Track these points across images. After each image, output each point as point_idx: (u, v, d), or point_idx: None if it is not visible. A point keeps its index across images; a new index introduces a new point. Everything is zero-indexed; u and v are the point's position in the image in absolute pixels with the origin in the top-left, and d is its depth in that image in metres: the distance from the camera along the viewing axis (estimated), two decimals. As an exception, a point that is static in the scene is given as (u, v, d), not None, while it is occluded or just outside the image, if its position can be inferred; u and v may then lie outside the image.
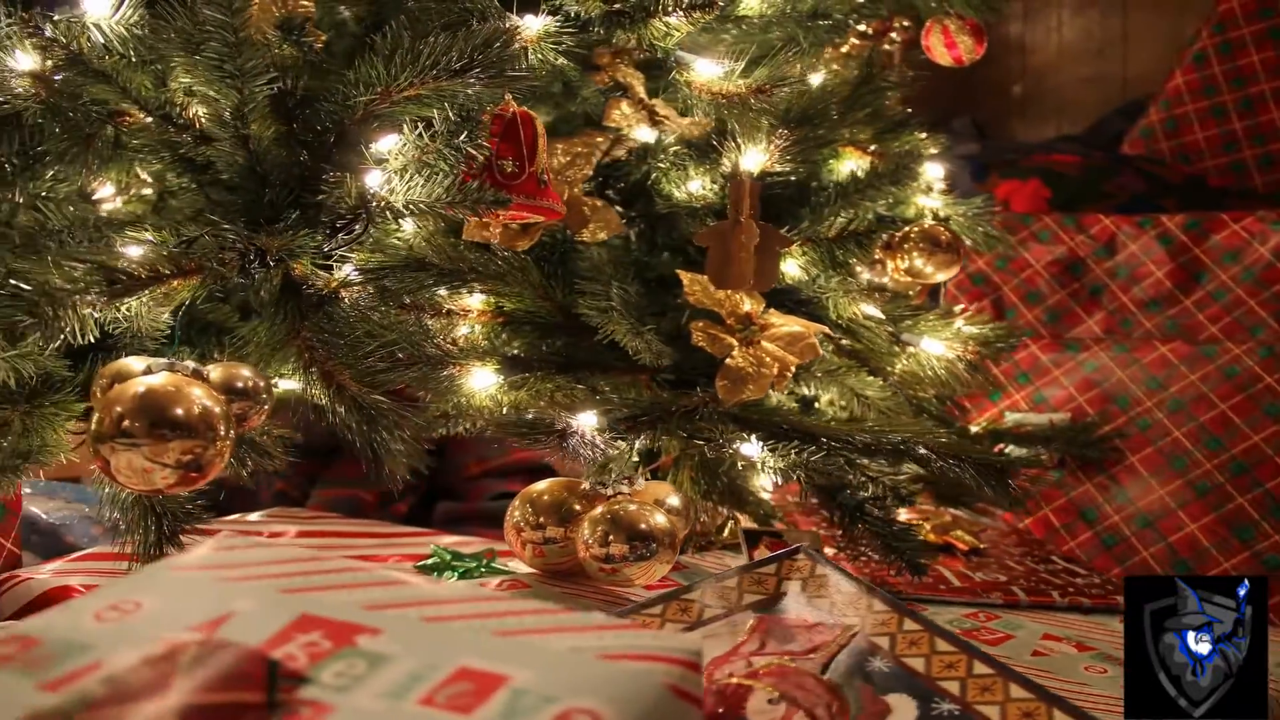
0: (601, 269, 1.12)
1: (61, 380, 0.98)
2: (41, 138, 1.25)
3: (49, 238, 1.06)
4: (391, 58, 0.98)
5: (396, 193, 0.96)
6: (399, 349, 1.02)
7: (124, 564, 1.12)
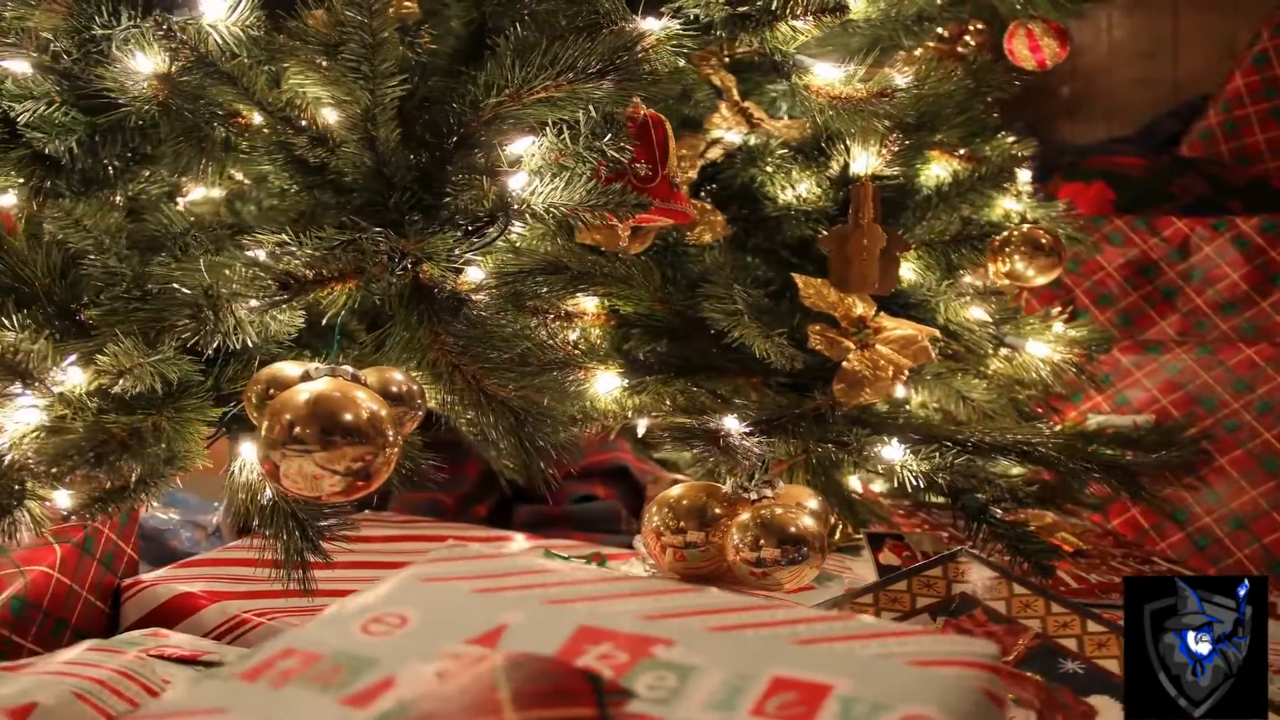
0: (720, 271, 1.12)
1: (194, 385, 0.97)
2: (143, 140, 1.24)
3: (173, 240, 1.05)
4: (526, 59, 0.98)
5: (537, 195, 0.96)
6: (531, 353, 1.02)
7: (242, 569, 1.12)
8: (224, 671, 0.51)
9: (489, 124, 1.03)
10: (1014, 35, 1.33)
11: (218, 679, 0.50)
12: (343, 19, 0.96)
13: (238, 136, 1.15)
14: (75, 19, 1.09)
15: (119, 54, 1.09)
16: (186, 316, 0.85)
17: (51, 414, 0.87)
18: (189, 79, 1.03)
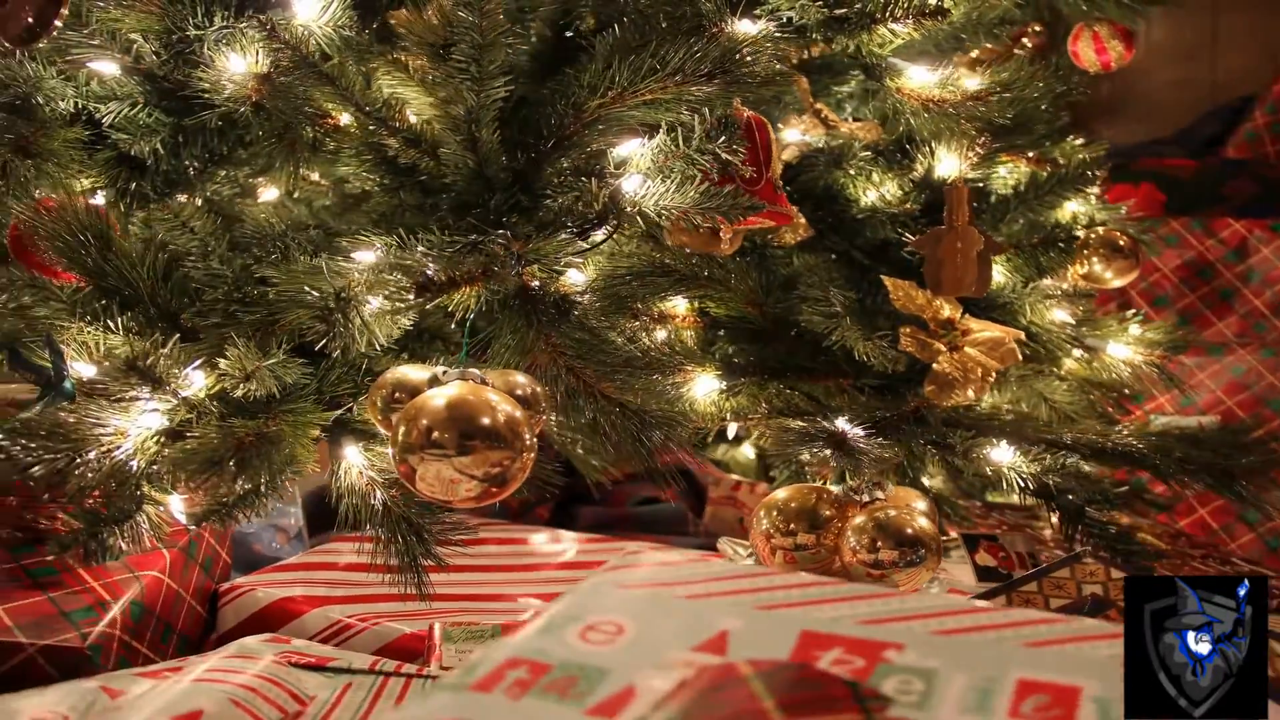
0: (812, 274, 1.12)
1: (301, 389, 0.96)
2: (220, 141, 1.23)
3: (271, 242, 1.04)
4: (629, 61, 0.97)
5: (650, 197, 0.96)
6: (633, 355, 1.02)
7: (335, 573, 1.11)
8: (452, 683, 0.50)
9: (590, 125, 1.03)
10: (1079, 37, 1.34)
11: (448, 691, 0.50)
12: (453, 19, 0.96)
13: (326, 137, 1.15)
14: (168, 20, 1.09)
15: (212, 55, 1.08)
16: (316, 319, 0.84)
17: (174, 418, 0.87)
18: (289, 79, 1.03)
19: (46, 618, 0.85)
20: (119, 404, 0.85)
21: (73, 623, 0.85)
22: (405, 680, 0.82)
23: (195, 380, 0.87)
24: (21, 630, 0.83)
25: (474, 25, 0.95)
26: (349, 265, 0.87)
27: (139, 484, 0.86)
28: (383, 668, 0.83)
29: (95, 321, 0.95)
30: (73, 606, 0.87)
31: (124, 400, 0.85)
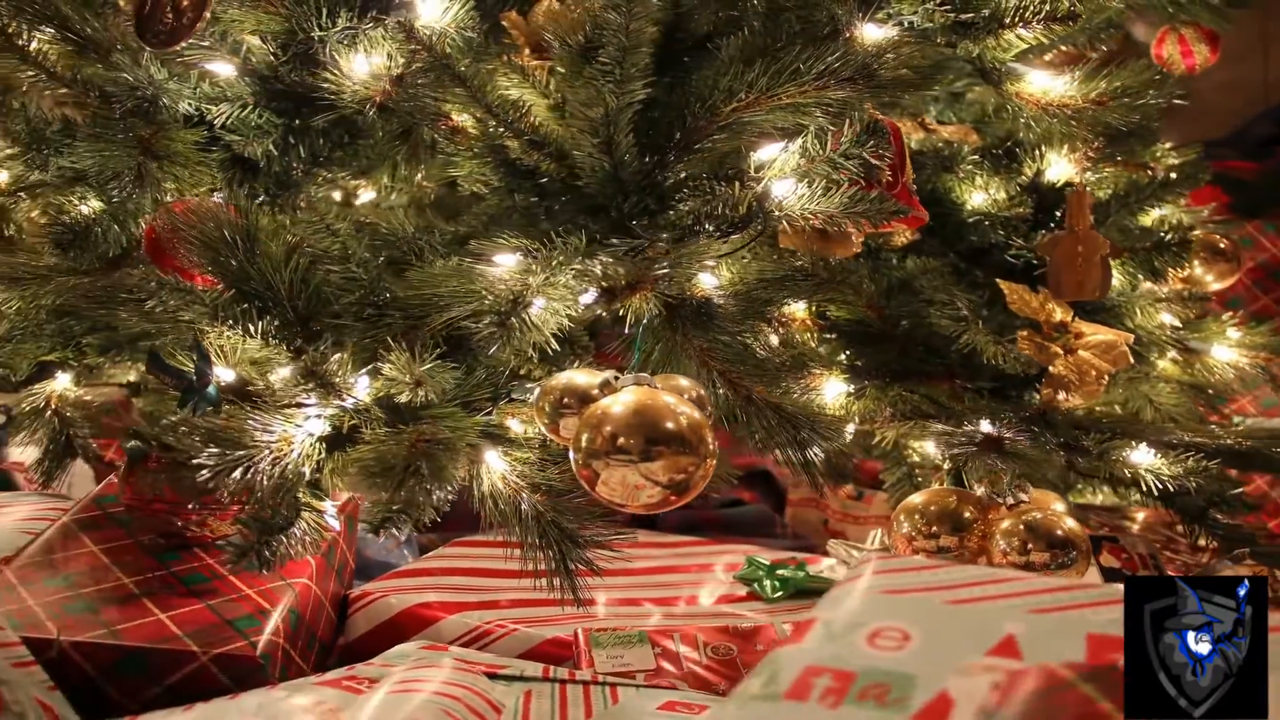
0: (928, 277, 1.13)
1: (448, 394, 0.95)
2: (325, 142, 1.22)
3: (406, 245, 1.03)
4: (777, 65, 0.97)
5: (796, 201, 0.96)
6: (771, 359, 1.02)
7: (460, 578, 1.11)
8: (761, 693, 0.50)
9: (724, 128, 1.03)
10: (1164, 40, 1.35)
11: (761, 700, 0.50)
12: (600, 21, 0.96)
13: (443, 139, 1.14)
14: (291, 20, 1.07)
15: (336, 55, 1.07)
16: (493, 324, 0.84)
17: (337, 424, 0.86)
18: (424, 81, 1.02)
19: (211, 626, 0.84)
20: (284, 410, 0.85)
21: (239, 631, 0.84)
22: (583, 687, 0.81)
23: (360, 386, 0.86)
24: (191, 638, 0.82)
25: (621, 27, 0.95)
26: (524, 269, 0.87)
27: (299, 490, 0.85)
28: (557, 675, 0.83)
29: (236, 326, 0.94)
30: (235, 614, 0.86)
31: (291, 406, 0.84)
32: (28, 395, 1.26)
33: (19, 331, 1.20)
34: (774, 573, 1.15)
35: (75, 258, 1.08)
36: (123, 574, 0.90)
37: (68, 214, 1.07)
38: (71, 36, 1.11)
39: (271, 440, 0.82)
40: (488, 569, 1.11)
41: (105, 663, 0.80)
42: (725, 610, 1.10)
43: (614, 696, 0.79)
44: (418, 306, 0.98)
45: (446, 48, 1.01)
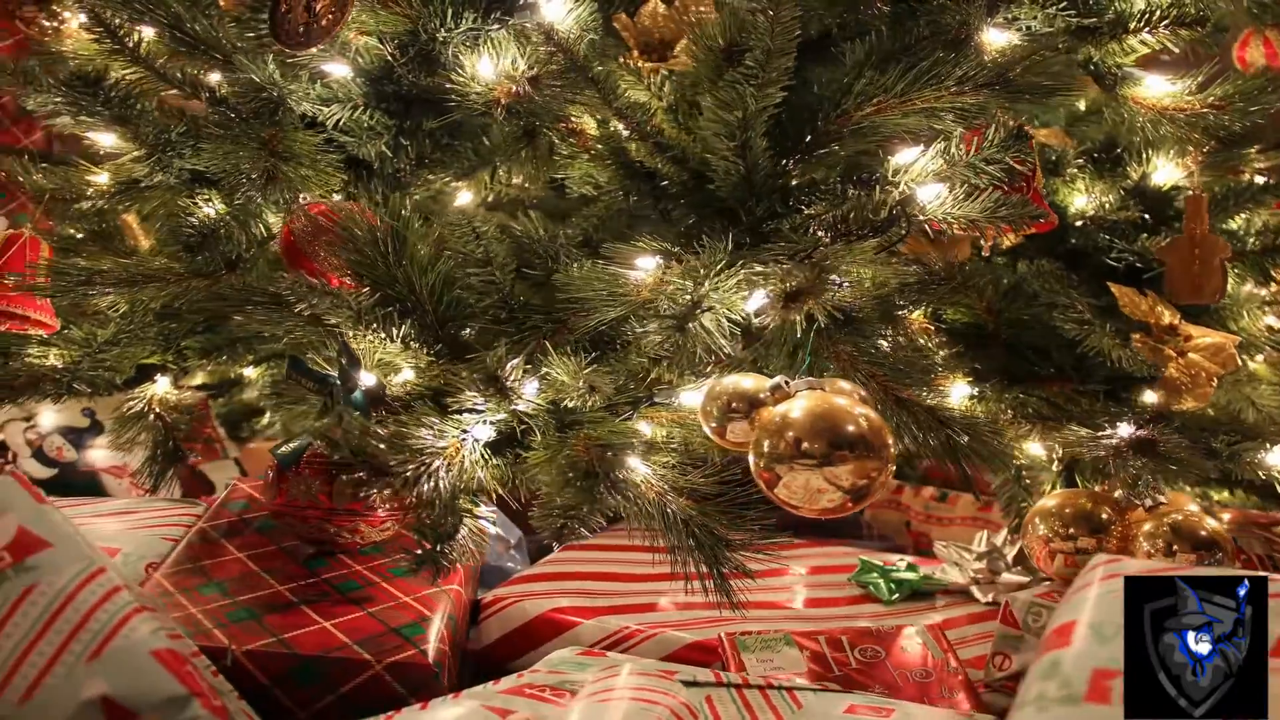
0: (1045, 279, 1.13)
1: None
2: (431, 144, 1.21)
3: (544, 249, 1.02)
4: (919, 68, 0.97)
5: (939, 205, 0.96)
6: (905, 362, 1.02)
7: (584, 582, 1.10)
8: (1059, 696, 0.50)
9: (855, 132, 1.03)
10: (1247, 43, 1.36)
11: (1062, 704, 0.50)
12: (747, 24, 0.96)
13: (562, 141, 1.14)
14: (415, 22, 1.07)
15: (461, 57, 1.07)
16: (669, 329, 0.83)
17: (502, 429, 0.85)
18: (558, 82, 1.02)
19: (378, 634, 0.83)
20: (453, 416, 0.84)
21: (406, 638, 0.83)
22: (760, 691, 0.81)
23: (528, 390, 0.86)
24: (362, 647, 0.81)
25: (767, 30, 0.95)
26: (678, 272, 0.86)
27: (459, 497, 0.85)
28: (730, 679, 0.83)
29: (380, 329, 0.94)
30: (399, 622, 0.85)
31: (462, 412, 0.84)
32: (127, 399, 1.25)
33: (124, 335, 1.18)
34: (888, 574, 1.16)
35: (194, 260, 1.07)
36: (275, 581, 0.89)
37: (194, 216, 1.05)
38: (182, 36, 1.10)
39: (444, 446, 0.81)
40: (614, 573, 1.11)
41: (278, 672, 0.79)
42: (848, 612, 1.10)
43: (794, 700, 0.79)
44: (560, 310, 0.98)
45: (581, 50, 1.01)
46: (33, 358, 1.20)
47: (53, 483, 1.35)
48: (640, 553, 1.19)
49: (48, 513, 0.69)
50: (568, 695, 0.77)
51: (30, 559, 0.65)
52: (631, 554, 1.18)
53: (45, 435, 1.39)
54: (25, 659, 0.61)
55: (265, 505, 0.93)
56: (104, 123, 1.02)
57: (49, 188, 1.21)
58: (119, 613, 0.63)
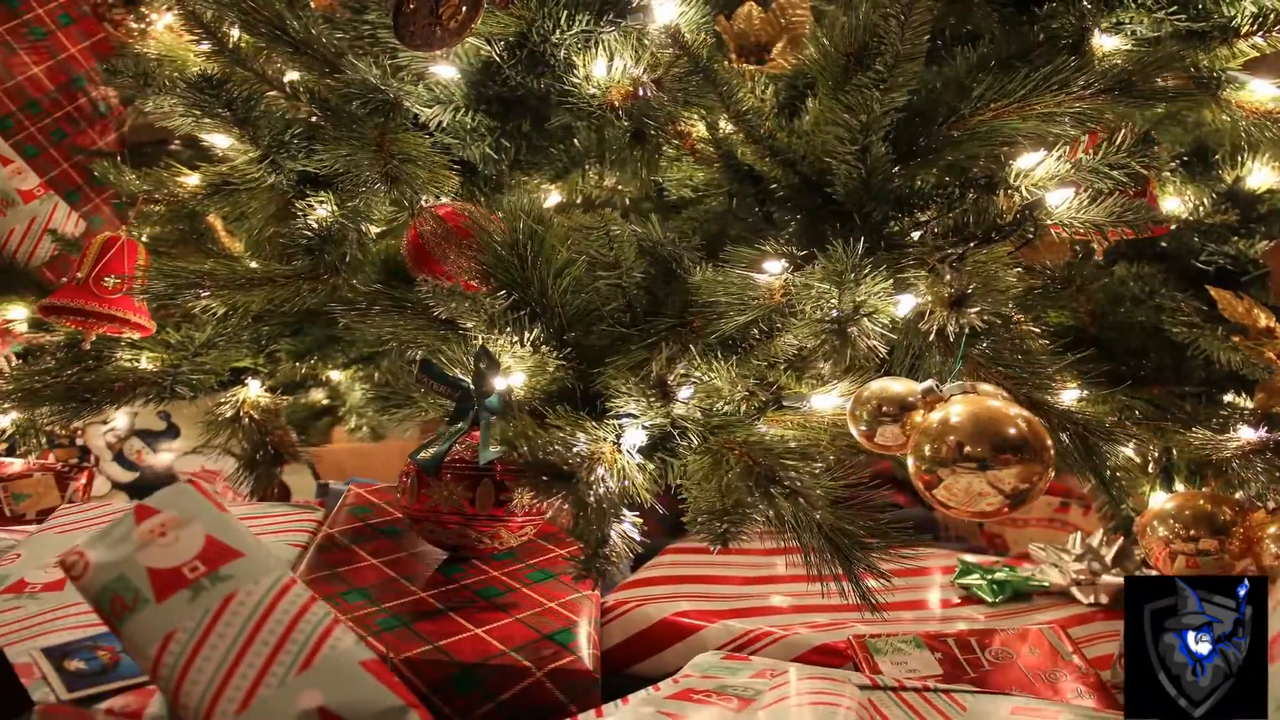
0: (1149, 282, 1.14)
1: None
2: (526, 147, 1.21)
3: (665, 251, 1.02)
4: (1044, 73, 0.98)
5: (1066, 209, 0.96)
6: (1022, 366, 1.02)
7: (709, 587, 1.10)
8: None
9: (974, 136, 1.03)
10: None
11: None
12: (877, 28, 0.96)
13: (666, 141, 1.14)
14: (528, 24, 1.06)
15: (575, 58, 1.06)
16: (828, 333, 0.83)
17: (655, 433, 0.85)
18: (683, 84, 1.02)
19: (532, 641, 0.83)
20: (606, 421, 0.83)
21: (561, 645, 0.83)
22: (919, 694, 0.81)
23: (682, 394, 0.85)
24: (520, 654, 0.81)
25: (898, 35, 0.95)
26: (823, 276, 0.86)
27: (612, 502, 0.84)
28: (884, 682, 0.83)
29: (513, 333, 0.93)
30: (549, 628, 0.85)
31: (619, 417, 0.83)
32: (217, 403, 1.23)
33: (221, 338, 1.17)
34: (988, 576, 1.16)
35: (305, 262, 1.06)
36: (416, 587, 0.89)
37: (310, 218, 1.04)
38: (284, 37, 1.08)
39: (602, 451, 0.81)
40: (726, 576, 1.11)
41: (438, 679, 0.79)
42: (957, 614, 1.11)
43: (956, 703, 0.79)
44: (689, 313, 0.98)
45: (705, 53, 1.01)
46: (124, 361, 1.19)
47: (134, 487, 1.34)
48: (743, 555, 1.19)
49: (230, 521, 0.68)
50: (735, 700, 0.77)
51: (224, 568, 0.65)
52: (734, 556, 1.18)
53: (124, 438, 1.37)
54: (235, 669, 0.60)
55: (403, 510, 0.92)
56: (225, 124, 1.01)
57: (141, 189, 1.19)
58: (320, 624, 0.63)
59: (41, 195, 1.36)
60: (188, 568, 0.65)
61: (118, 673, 0.78)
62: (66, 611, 0.85)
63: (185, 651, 0.61)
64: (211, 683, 0.60)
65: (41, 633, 0.82)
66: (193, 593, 0.63)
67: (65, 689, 0.75)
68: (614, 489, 0.79)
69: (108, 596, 0.64)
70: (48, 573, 0.91)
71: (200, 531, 0.67)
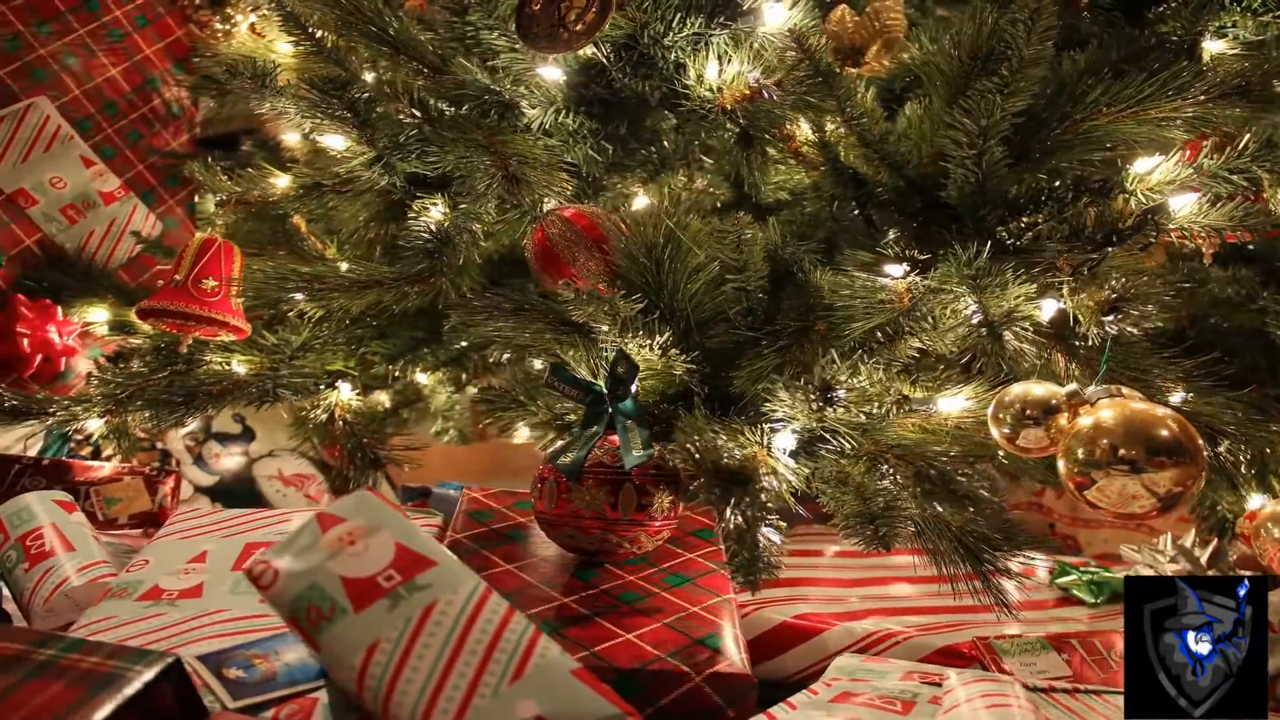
0: (1245, 285, 1.15)
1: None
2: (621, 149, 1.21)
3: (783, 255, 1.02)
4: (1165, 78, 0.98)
5: (1187, 213, 0.97)
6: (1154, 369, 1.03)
7: (820, 590, 1.10)
8: None
9: (1085, 140, 1.04)
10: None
11: None
12: (1000, 34, 0.96)
13: (772, 145, 1.14)
14: (638, 25, 1.06)
15: (686, 61, 1.06)
16: (987, 337, 0.84)
17: (804, 437, 0.85)
18: (799, 87, 1.02)
19: (684, 646, 0.83)
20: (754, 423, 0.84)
21: (712, 648, 0.83)
22: (1070, 695, 0.81)
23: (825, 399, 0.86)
24: (676, 659, 0.81)
25: (1024, 39, 0.95)
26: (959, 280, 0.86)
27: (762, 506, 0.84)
28: (1034, 685, 0.83)
29: (646, 337, 0.93)
30: (699, 632, 0.84)
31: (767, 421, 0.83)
32: (311, 406, 1.23)
33: (318, 340, 1.16)
34: (1085, 577, 1.17)
35: (417, 265, 1.05)
36: (557, 593, 0.88)
37: (422, 219, 1.04)
38: (385, 37, 1.08)
39: (757, 454, 0.81)
40: (835, 578, 1.11)
41: (596, 684, 0.78)
42: (1063, 614, 1.11)
43: (1109, 703, 0.80)
44: (815, 317, 0.98)
45: (824, 57, 1.01)
46: (215, 365, 1.18)
47: (215, 490, 1.33)
48: (845, 558, 1.20)
49: (416, 529, 0.67)
50: (898, 704, 0.77)
51: (420, 577, 0.64)
52: (837, 559, 1.19)
53: (202, 441, 1.36)
54: (446, 680, 0.60)
55: (540, 515, 0.91)
56: (345, 126, 1.00)
57: (234, 191, 1.18)
58: (525, 633, 0.62)
59: (121, 197, 1.35)
60: (382, 576, 0.64)
61: (277, 682, 0.77)
62: (211, 619, 0.84)
63: (391, 662, 0.60)
64: (423, 694, 0.59)
65: (191, 640, 0.81)
66: (391, 602, 0.63)
67: (230, 697, 0.75)
68: (775, 492, 0.79)
69: (302, 606, 0.63)
70: (180, 579, 0.90)
71: (390, 540, 0.66)
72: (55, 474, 1.18)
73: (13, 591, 0.94)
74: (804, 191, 1.20)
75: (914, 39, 1.18)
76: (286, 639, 0.81)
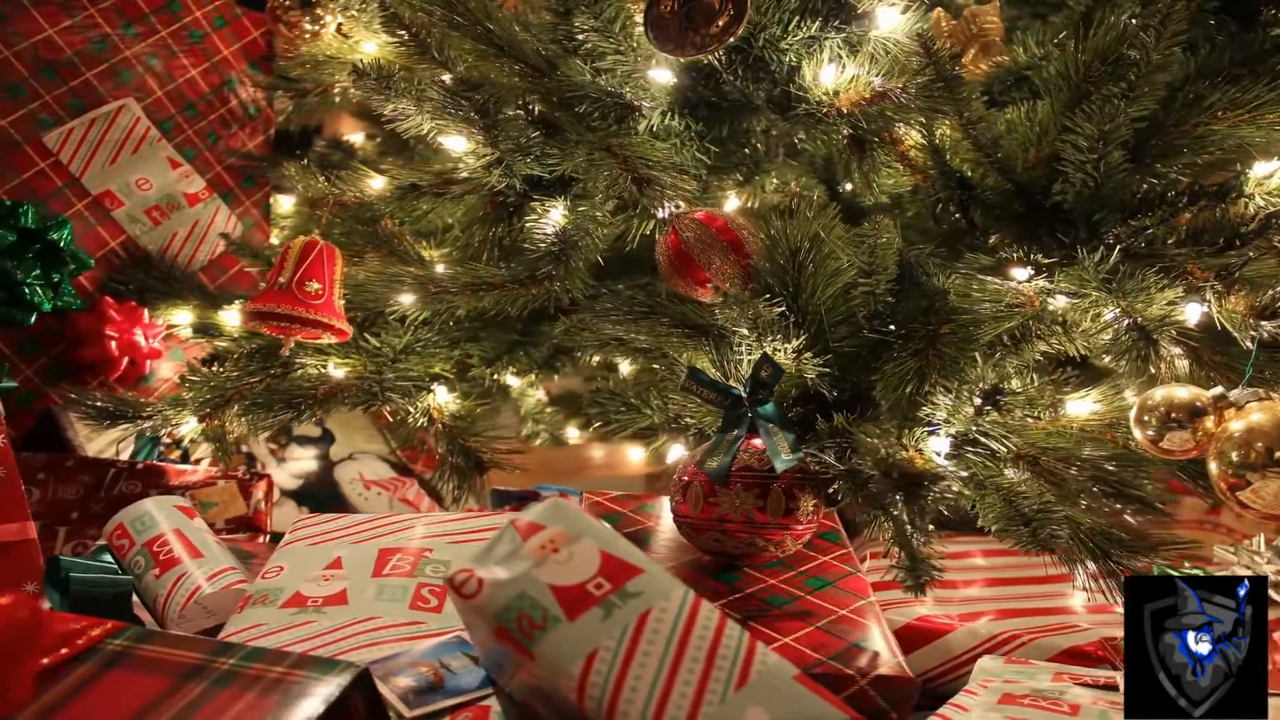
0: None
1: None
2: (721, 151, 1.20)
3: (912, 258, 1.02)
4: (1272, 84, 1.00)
5: (1308, 216, 0.98)
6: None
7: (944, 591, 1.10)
8: None
9: (1197, 143, 1.05)
10: None
11: None
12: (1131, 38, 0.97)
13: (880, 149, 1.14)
14: (754, 28, 1.06)
15: (802, 64, 1.06)
16: (1140, 342, 0.84)
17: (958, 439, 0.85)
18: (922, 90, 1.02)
19: (842, 649, 0.83)
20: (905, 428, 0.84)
21: (868, 650, 0.83)
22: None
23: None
24: (838, 662, 0.81)
25: (1152, 44, 0.96)
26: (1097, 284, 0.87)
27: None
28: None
29: (783, 340, 0.93)
30: (853, 636, 0.85)
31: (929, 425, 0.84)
32: (409, 409, 1.22)
33: (419, 343, 1.16)
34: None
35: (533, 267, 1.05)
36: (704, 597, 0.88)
37: (542, 221, 1.03)
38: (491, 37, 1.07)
39: (909, 457, 0.81)
40: (946, 579, 1.11)
41: (762, 688, 0.78)
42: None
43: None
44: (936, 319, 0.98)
45: (947, 61, 1.01)
46: (311, 368, 1.17)
47: (300, 494, 1.32)
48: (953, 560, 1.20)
49: (616, 536, 0.67)
50: (1065, 705, 0.77)
51: (630, 585, 0.64)
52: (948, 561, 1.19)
53: (285, 445, 1.35)
54: (671, 688, 0.60)
55: (684, 519, 0.91)
56: (471, 128, 0.99)
57: (331, 192, 1.17)
58: (742, 640, 0.62)
59: (206, 199, 1.33)
60: (592, 585, 0.64)
61: (446, 690, 0.76)
62: (363, 626, 0.84)
63: (613, 671, 0.60)
64: (649, 702, 0.59)
65: (349, 649, 0.80)
66: (604, 610, 0.63)
67: (405, 707, 0.74)
68: (941, 496, 0.80)
69: (512, 615, 0.63)
70: (321, 585, 0.89)
71: (593, 547, 0.66)
72: (150, 478, 1.17)
73: (143, 598, 0.93)
74: (901, 195, 1.20)
75: (1019, 42, 1.19)
76: (449, 646, 0.80)
